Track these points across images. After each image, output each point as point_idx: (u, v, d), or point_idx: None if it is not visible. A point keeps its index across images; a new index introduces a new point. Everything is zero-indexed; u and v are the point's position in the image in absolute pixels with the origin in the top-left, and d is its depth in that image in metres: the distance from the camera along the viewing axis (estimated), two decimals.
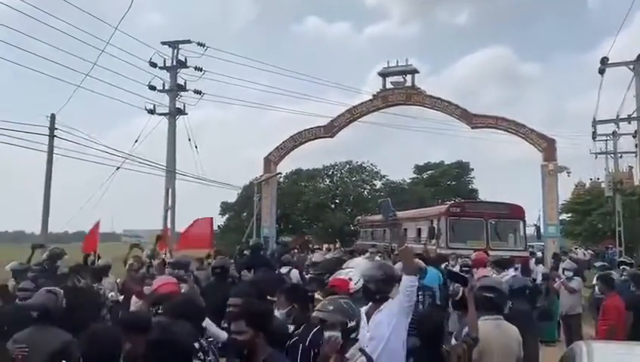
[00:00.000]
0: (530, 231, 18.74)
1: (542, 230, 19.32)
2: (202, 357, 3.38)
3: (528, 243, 17.15)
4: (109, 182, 19.23)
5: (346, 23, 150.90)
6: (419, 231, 18.48)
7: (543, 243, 22.50)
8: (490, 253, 13.74)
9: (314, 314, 3.27)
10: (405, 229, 19.79)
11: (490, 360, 3.92)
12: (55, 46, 16.99)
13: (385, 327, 3.73)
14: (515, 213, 16.46)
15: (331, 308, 3.16)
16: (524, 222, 16.98)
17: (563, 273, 10.11)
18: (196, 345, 3.31)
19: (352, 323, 3.14)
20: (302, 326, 3.81)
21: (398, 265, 4.45)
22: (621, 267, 10.88)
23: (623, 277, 9.20)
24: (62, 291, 4.26)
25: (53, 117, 15.79)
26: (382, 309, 3.80)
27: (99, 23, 16.25)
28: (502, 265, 9.81)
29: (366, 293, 4.01)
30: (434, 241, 16.01)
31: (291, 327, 3.95)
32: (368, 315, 3.84)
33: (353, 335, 3.15)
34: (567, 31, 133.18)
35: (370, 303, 3.97)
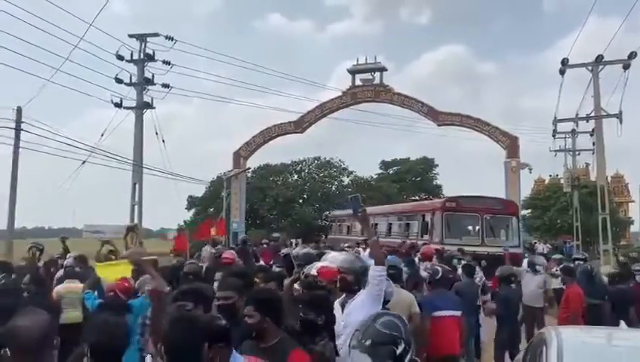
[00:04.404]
0: None
1: None
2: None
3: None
4: (74, 176, 18.93)
5: (308, 21, 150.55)
6: (407, 226, 18.07)
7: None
8: (485, 249, 13.88)
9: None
10: (390, 224, 19.60)
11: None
12: (20, 37, 16.53)
13: (357, 316, 3.87)
14: (509, 208, 16.28)
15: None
16: (518, 217, 16.77)
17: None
18: None
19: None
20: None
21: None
22: (576, 262, 11.46)
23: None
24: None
25: (19, 110, 15.42)
26: (355, 298, 3.99)
27: (59, 14, 15.83)
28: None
29: (344, 285, 4.19)
30: (426, 237, 15.50)
31: None
32: (342, 305, 4.06)
33: None
34: (525, 30, 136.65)
35: (344, 294, 4.17)
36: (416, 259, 9.87)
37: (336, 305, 4.08)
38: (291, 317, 3.87)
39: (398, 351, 2.23)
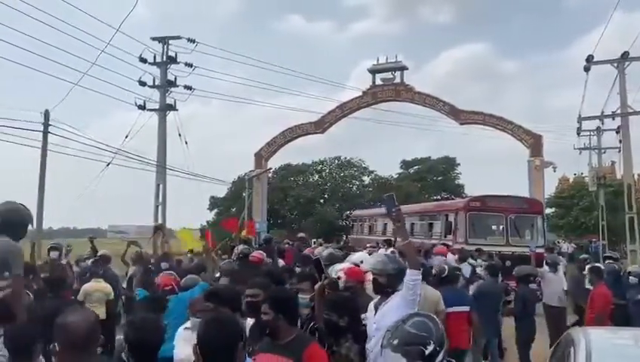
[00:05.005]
0: None
1: None
2: None
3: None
4: (99, 177, 19.34)
5: (327, 21, 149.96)
6: (430, 226, 17.93)
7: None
8: (510, 249, 13.80)
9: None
10: (412, 224, 19.32)
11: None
12: (44, 41, 16.96)
13: (390, 319, 3.83)
14: (534, 207, 16.12)
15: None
16: (543, 217, 16.51)
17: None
18: None
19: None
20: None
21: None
22: (607, 261, 11.29)
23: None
24: None
25: (47, 113, 15.76)
26: (388, 301, 3.92)
27: (78, 17, 16.25)
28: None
29: (376, 287, 4.11)
30: (450, 237, 15.31)
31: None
32: (376, 307, 4.01)
33: None
34: (547, 27, 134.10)
35: (378, 296, 4.12)
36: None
37: (371, 306, 4.05)
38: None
39: (427, 352, 2.24)
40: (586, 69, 19.56)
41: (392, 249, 10.79)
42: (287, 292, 3.78)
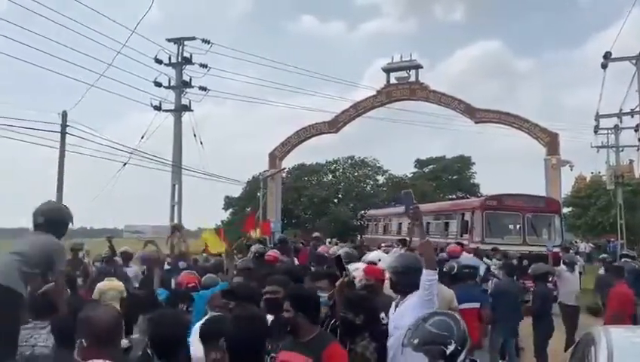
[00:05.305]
0: None
1: None
2: None
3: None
4: (116, 177, 19.57)
5: (340, 21, 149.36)
6: (446, 225, 17.87)
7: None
8: (527, 248, 13.74)
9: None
10: (428, 223, 19.46)
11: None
12: (60, 42, 17.22)
13: (407, 318, 3.70)
14: (552, 206, 16.04)
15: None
16: (560, 216, 16.44)
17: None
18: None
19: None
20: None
21: None
22: (622, 260, 11.18)
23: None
24: None
25: (64, 114, 15.98)
26: (405, 300, 3.90)
27: (95, 18, 16.54)
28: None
29: (390, 285, 4.16)
30: (466, 236, 15.20)
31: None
32: (396, 306, 3.99)
33: None
34: (563, 24, 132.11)
35: (398, 294, 4.10)
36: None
37: (393, 304, 4.05)
38: None
39: (449, 351, 2.22)
40: (604, 66, 19.36)
41: (406, 248, 10.76)
42: (308, 290, 3.78)
